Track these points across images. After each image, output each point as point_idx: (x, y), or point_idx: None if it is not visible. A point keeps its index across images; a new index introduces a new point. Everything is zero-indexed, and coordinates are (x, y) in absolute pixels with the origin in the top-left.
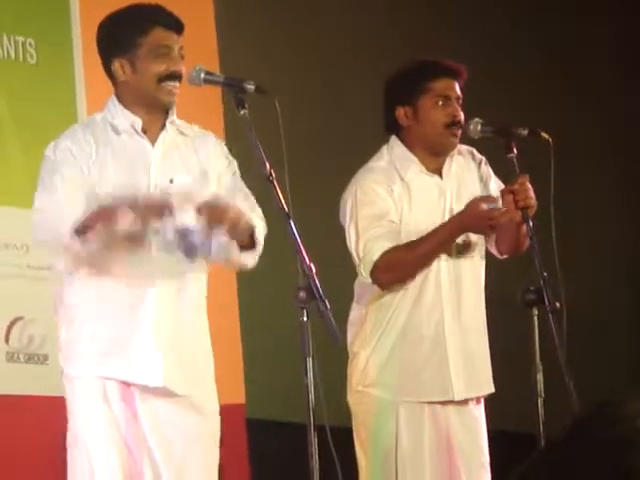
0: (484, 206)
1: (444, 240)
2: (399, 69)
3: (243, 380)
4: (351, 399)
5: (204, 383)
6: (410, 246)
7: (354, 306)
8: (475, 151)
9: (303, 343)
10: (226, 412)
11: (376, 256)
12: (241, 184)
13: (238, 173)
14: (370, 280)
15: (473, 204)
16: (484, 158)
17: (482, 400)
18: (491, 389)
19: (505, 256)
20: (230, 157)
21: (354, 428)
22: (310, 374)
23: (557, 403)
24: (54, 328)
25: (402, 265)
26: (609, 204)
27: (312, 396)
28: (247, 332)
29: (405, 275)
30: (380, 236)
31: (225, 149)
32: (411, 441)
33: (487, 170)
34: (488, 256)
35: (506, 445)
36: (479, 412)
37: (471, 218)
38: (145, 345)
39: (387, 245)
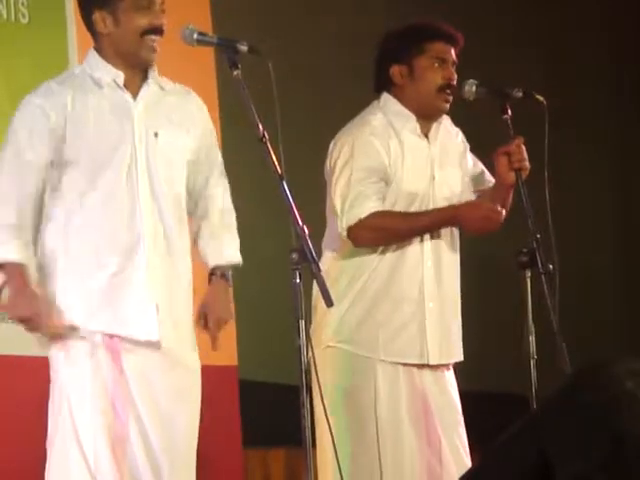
0: (489, 208)
1: (441, 224)
2: (397, 29)
3: (236, 342)
4: (320, 354)
5: (188, 339)
6: (407, 217)
7: (325, 259)
8: (451, 121)
9: (295, 305)
10: (219, 374)
11: (364, 214)
12: (217, 153)
13: (216, 142)
14: (345, 233)
15: (480, 206)
16: (460, 130)
17: (451, 367)
18: (461, 357)
19: None
20: (211, 124)
21: (320, 384)
22: (302, 336)
23: (549, 365)
24: None
25: (392, 231)
26: (599, 171)
27: (304, 358)
28: (240, 294)
29: (390, 241)
30: (371, 195)
31: (206, 112)
32: (389, 400)
33: (463, 141)
34: None
35: (498, 406)
36: (450, 376)
37: (475, 219)
38: (139, 298)
39: (376, 207)
